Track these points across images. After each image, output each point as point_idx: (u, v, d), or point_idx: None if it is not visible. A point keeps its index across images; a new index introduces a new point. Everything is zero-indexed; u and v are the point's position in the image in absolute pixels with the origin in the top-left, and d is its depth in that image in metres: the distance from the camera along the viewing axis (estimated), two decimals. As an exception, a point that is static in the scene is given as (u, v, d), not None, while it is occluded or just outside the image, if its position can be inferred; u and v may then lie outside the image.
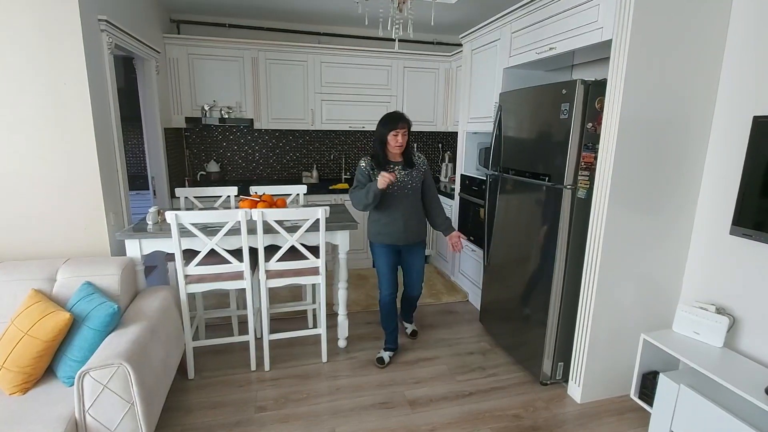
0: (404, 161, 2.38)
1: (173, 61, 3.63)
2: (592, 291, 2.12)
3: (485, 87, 3.15)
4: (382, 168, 2.30)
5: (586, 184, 2.12)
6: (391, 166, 2.35)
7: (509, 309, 2.65)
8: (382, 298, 2.47)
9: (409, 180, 2.36)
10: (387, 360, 2.55)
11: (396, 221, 2.36)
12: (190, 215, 2.16)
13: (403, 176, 2.35)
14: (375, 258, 2.50)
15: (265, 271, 2.34)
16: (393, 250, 2.44)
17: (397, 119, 2.27)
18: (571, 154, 2.09)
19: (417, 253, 2.51)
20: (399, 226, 2.36)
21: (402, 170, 2.35)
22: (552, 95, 2.18)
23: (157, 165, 3.43)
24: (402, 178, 2.34)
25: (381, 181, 2.17)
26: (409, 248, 2.48)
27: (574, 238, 2.19)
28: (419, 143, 4.76)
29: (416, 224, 2.43)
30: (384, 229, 2.38)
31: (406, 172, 2.36)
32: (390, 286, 2.44)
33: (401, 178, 2.34)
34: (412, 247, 2.48)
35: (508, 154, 2.63)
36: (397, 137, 2.28)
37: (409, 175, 2.37)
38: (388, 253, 2.43)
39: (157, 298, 2.18)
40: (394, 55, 4.08)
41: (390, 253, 2.43)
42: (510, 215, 2.63)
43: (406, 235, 2.39)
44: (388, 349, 2.60)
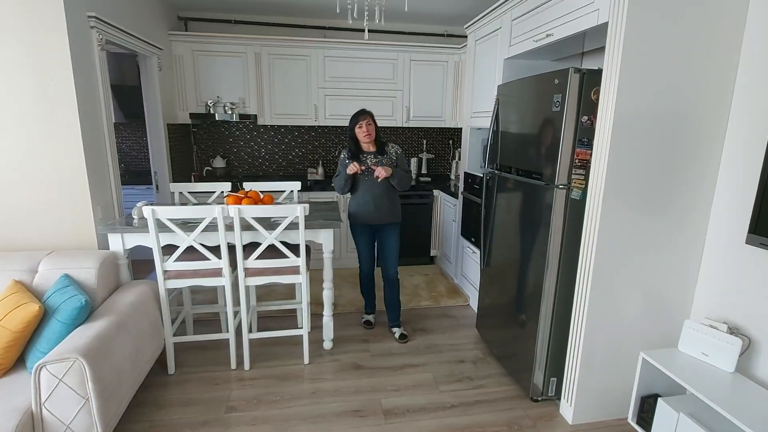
0: (377, 150, 2.65)
1: (178, 57, 3.67)
2: (585, 301, 1.92)
3: (487, 79, 2.97)
4: (357, 158, 2.62)
5: (581, 184, 1.93)
6: (364, 156, 2.63)
7: (504, 315, 2.48)
8: (362, 271, 2.90)
9: (382, 164, 2.61)
10: (373, 321, 3.00)
11: (368, 203, 2.64)
12: (167, 210, 2.14)
13: (375, 162, 2.62)
14: (354, 236, 2.81)
15: (243, 268, 2.30)
16: (369, 230, 2.75)
17: (358, 114, 2.60)
18: (563, 151, 1.90)
19: (389, 232, 2.75)
20: (370, 207, 2.64)
21: (374, 158, 2.63)
22: (544, 86, 2.00)
23: (159, 160, 3.48)
24: (373, 164, 2.61)
25: (350, 168, 2.55)
26: (382, 228, 2.74)
27: (568, 243, 1.99)
28: (428, 140, 4.60)
29: (387, 206, 2.67)
30: (358, 209, 2.68)
31: (377, 159, 2.63)
32: (368, 262, 2.84)
33: (372, 164, 2.61)
34: (385, 227, 2.73)
35: (505, 151, 2.46)
36: (362, 128, 2.56)
37: (380, 162, 2.61)
38: (364, 233, 2.75)
39: (133, 293, 2.18)
40: (399, 48, 3.95)
41: (366, 232, 2.75)
42: (506, 216, 2.45)
43: (378, 215, 2.66)
44: (370, 312, 3.03)
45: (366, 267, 2.84)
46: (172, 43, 3.64)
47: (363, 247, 2.78)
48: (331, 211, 2.71)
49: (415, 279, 3.86)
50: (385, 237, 2.75)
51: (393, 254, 2.76)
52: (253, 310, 2.77)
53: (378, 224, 2.70)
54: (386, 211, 2.67)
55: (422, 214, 4.10)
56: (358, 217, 2.69)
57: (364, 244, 2.77)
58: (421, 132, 4.56)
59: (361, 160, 2.59)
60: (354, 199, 2.71)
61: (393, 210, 2.70)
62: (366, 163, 2.60)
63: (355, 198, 2.70)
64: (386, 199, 2.65)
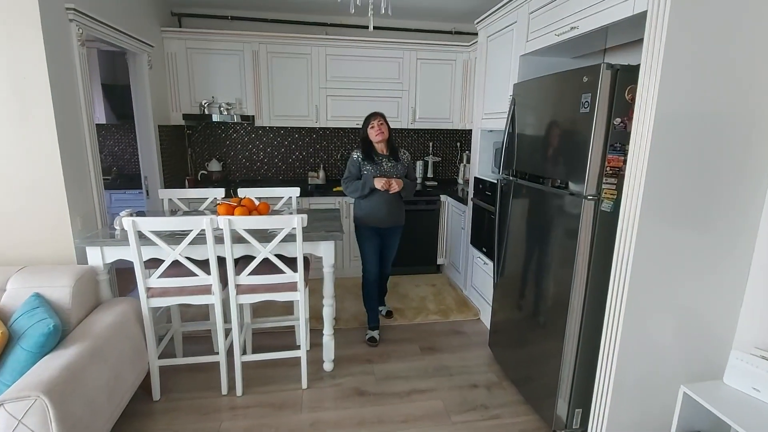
0: (390, 153, 2.67)
1: (171, 55, 3.48)
2: (617, 324, 1.70)
3: (501, 78, 2.76)
4: (371, 160, 2.61)
5: (613, 195, 1.71)
6: (378, 158, 2.63)
7: (521, 335, 2.26)
8: (367, 277, 2.77)
9: (394, 172, 2.65)
10: (378, 338, 2.81)
11: (381, 207, 2.64)
12: (149, 222, 1.93)
13: (390, 167, 2.64)
14: (361, 240, 2.74)
15: (235, 285, 2.09)
16: (376, 233, 2.72)
17: (370, 115, 2.63)
18: (593, 157, 1.68)
19: (395, 236, 2.83)
20: (383, 211, 2.64)
21: (388, 162, 2.65)
22: (571, 84, 1.78)
23: (149, 165, 3.28)
24: (389, 168, 2.64)
25: (379, 184, 2.55)
26: (389, 231, 2.77)
27: (598, 260, 1.78)
28: (435, 143, 4.39)
29: (397, 211, 2.72)
30: (370, 213, 2.65)
31: (392, 164, 2.65)
32: (375, 266, 2.75)
33: (388, 168, 2.64)
34: (391, 230, 2.78)
35: (522, 156, 2.24)
36: (374, 128, 2.57)
37: (395, 167, 2.66)
38: (372, 236, 2.71)
39: (113, 313, 1.97)
40: (405, 46, 3.74)
41: (374, 235, 2.72)
42: (523, 227, 2.23)
43: (389, 219, 2.68)
44: (374, 328, 2.85)
45: (374, 272, 2.76)
46: (164, 40, 3.44)
47: (371, 252, 2.73)
48: (333, 221, 2.50)
49: (422, 290, 3.65)
50: (390, 240, 2.81)
51: (393, 254, 2.90)
52: (248, 328, 2.56)
53: (386, 228, 2.72)
54: (396, 215, 2.72)
55: (428, 221, 3.88)
56: (368, 220, 2.66)
57: (372, 248, 2.72)
58: (427, 134, 4.35)
59: (376, 162, 2.61)
60: (365, 203, 2.66)
61: (401, 214, 2.77)
62: (381, 165, 2.62)
63: (366, 201, 2.65)
64: (396, 203, 2.71)
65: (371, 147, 2.63)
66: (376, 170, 2.59)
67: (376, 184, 2.55)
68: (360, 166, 2.61)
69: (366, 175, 2.59)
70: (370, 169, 2.59)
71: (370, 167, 2.59)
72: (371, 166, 2.59)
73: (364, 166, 2.60)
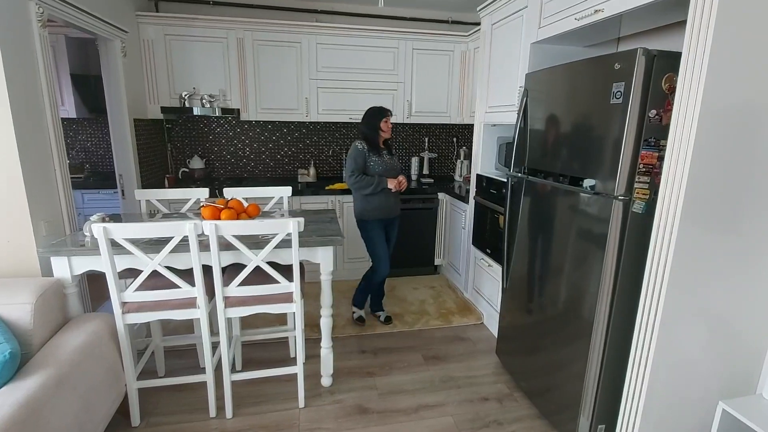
0: (386, 147, 2.74)
1: (148, 42, 3.19)
2: (650, 335, 1.55)
3: (508, 69, 2.59)
4: (376, 152, 2.63)
5: (645, 194, 1.55)
6: (381, 150, 2.68)
7: (534, 342, 2.11)
8: (380, 274, 2.76)
9: (393, 163, 2.74)
10: (364, 316, 2.96)
11: (389, 198, 2.69)
12: (123, 228, 1.69)
13: (389, 159, 2.72)
14: (371, 235, 2.70)
15: (223, 297, 1.87)
16: (383, 225, 2.74)
17: (386, 109, 2.66)
18: (625, 153, 1.52)
19: (396, 224, 2.86)
20: (391, 201, 2.70)
21: (388, 154, 2.72)
22: (599, 72, 1.61)
23: (125, 162, 3.01)
24: (390, 160, 2.72)
25: (392, 184, 2.63)
26: (392, 221, 2.82)
27: (627, 266, 1.62)
28: (430, 137, 4.21)
29: (399, 200, 2.81)
30: (381, 204, 2.66)
31: (390, 156, 2.74)
32: (389, 260, 2.75)
33: (390, 160, 2.72)
34: (394, 220, 2.82)
35: (535, 152, 2.08)
36: (388, 123, 2.64)
37: (393, 159, 2.76)
38: (382, 229, 2.72)
39: (84, 332, 1.73)
40: (401, 36, 3.53)
41: (382, 228, 2.73)
42: (537, 229, 2.07)
43: (395, 208, 2.76)
44: (362, 307, 2.97)
45: (387, 268, 2.74)
46: (140, 25, 3.15)
47: (383, 245, 2.72)
48: (329, 223, 2.30)
49: (421, 293, 3.47)
50: (392, 231, 2.85)
51: (393, 246, 2.89)
52: (237, 341, 2.34)
53: (391, 218, 2.76)
54: (398, 204, 2.79)
55: (426, 220, 3.70)
56: (378, 213, 2.67)
57: (383, 242, 2.73)
58: (423, 129, 4.16)
59: (380, 154, 2.65)
60: (374, 196, 2.65)
61: (399, 202, 2.82)
62: (383, 157, 2.66)
63: (376, 194, 2.64)
64: (397, 193, 2.76)
65: (377, 139, 2.64)
66: (380, 162, 2.63)
67: (390, 185, 2.61)
68: (366, 158, 2.60)
69: (377, 172, 2.62)
70: (376, 160, 2.61)
71: (376, 158, 2.61)
72: (376, 158, 2.61)
73: (370, 157, 2.61)
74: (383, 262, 2.71)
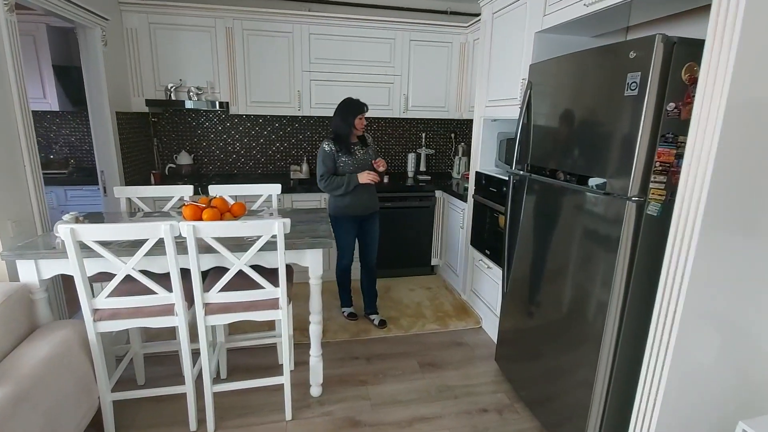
0: (360, 141, 2.63)
1: (131, 31, 3.04)
2: (665, 347, 1.43)
3: (510, 60, 2.45)
4: (346, 149, 2.54)
5: (661, 195, 1.42)
6: (353, 147, 2.58)
7: (536, 348, 1.99)
8: (341, 266, 2.82)
9: (368, 157, 2.64)
10: (356, 313, 2.94)
11: (361, 195, 2.61)
12: (92, 230, 1.55)
13: (363, 154, 2.62)
14: (339, 232, 2.64)
15: (203, 304, 1.74)
16: (356, 222, 2.70)
17: (362, 104, 2.53)
18: (640, 151, 1.39)
19: (374, 221, 2.78)
20: (363, 199, 2.63)
21: (361, 149, 2.62)
22: (613, 61, 1.48)
23: (106, 157, 2.86)
24: (362, 156, 2.61)
25: (367, 179, 2.51)
26: (368, 218, 2.74)
27: (640, 273, 1.50)
28: (428, 133, 4.07)
29: (375, 196, 2.73)
30: (352, 202, 2.60)
31: (363, 150, 2.63)
32: (350, 256, 2.79)
33: (362, 156, 2.61)
34: (370, 217, 2.74)
35: (539, 148, 1.95)
36: (362, 120, 2.54)
37: (366, 153, 2.64)
38: (352, 227, 2.69)
39: (50, 342, 1.59)
40: (398, 26, 3.39)
41: (353, 225, 2.70)
42: (541, 230, 1.95)
43: (369, 205, 2.67)
44: (349, 304, 2.96)
45: (348, 261, 2.79)
46: (123, 13, 2.99)
47: (349, 241, 2.73)
48: (319, 223, 2.16)
49: (417, 294, 3.35)
50: (370, 227, 2.77)
51: (376, 243, 2.82)
52: (221, 348, 2.21)
53: (366, 214, 2.70)
54: (374, 201, 2.72)
55: (422, 218, 3.57)
56: (349, 211, 2.62)
57: (351, 237, 2.73)
58: (420, 124, 4.02)
59: (350, 152, 2.56)
60: (345, 195, 2.58)
61: (376, 198, 2.75)
62: (356, 154, 2.58)
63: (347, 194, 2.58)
64: (373, 189, 2.69)
65: (348, 136, 2.55)
66: (352, 161, 2.55)
67: (361, 180, 2.50)
68: (335, 158, 2.53)
69: (348, 171, 2.55)
70: (346, 160, 2.53)
71: (345, 158, 2.53)
72: (346, 157, 2.53)
73: (340, 158, 2.53)
74: (346, 254, 2.75)
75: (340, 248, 2.74)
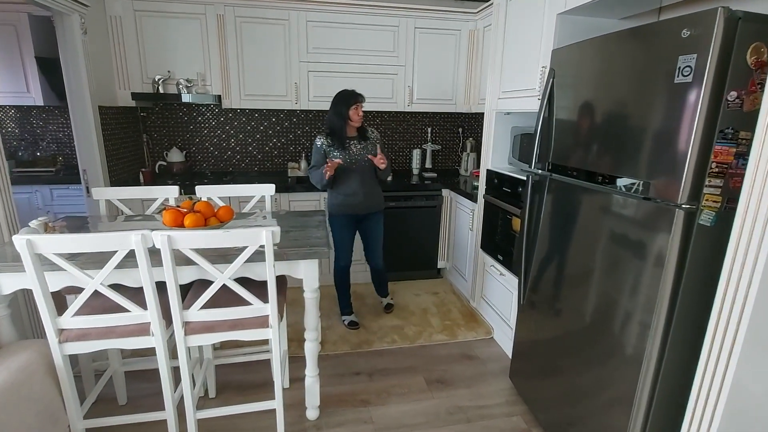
0: (359, 135, 2.48)
1: (115, 19, 2.82)
2: (720, 379, 1.21)
3: (527, 47, 2.21)
4: (341, 143, 2.41)
5: (717, 202, 1.20)
6: (347, 142, 2.43)
7: (557, 366, 1.78)
8: (338, 267, 2.66)
9: (365, 153, 2.47)
10: (357, 321, 2.74)
11: (357, 193, 2.48)
12: (52, 241, 1.35)
13: (360, 149, 2.46)
14: (334, 230, 2.58)
15: (182, 323, 1.53)
16: (352, 221, 2.59)
17: (356, 94, 2.38)
18: (692, 149, 1.17)
19: (375, 221, 2.64)
20: (359, 197, 2.50)
21: (358, 144, 2.46)
22: (659, 42, 1.25)
23: (89, 155, 2.67)
24: (358, 151, 2.45)
25: (329, 167, 2.31)
26: (368, 217, 2.60)
27: (689, 291, 1.28)
28: (434, 127, 3.84)
29: (376, 193, 2.58)
30: (345, 201, 2.50)
31: (362, 145, 2.47)
32: (347, 257, 2.65)
33: (358, 151, 2.45)
34: (370, 216, 2.61)
35: (563, 145, 1.72)
36: (357, 110, 2.38)
37: (365, 148, 2.48)
38: (348, 225, 2.58)
39: (8, 367, 1.40)
40: (401, 12, 3.15)
41: (350, 224, 2.58)
42: (564, 236, 1.73)
43: (366, 204, 2.53)
44: (349, 311, 2.77)
45: (345, 261, 2.66)
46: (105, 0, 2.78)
47: (346, 241, 2.61)
48: (315, 228, 1.95)
49: (423, 300, 3.14)
50: (370, 226, 2.64)
51: (379, 243, 2.70)
52: (209, 365, 2.01)
53: (362, 214, 2.58)
54: (373, 200, 2.57)
55: (428, 219, 3.35)
56: (344, 209, 2.52)
57: (347, 237, 2.61)
58: (425, 118, 3.79)
59: (345, 147, 2.42)
60: (339, 190, 2.49)
61: (378, 197, 2.61)
62: (350, 149, 2.43)
63: (340, 189, 2.48)
64: (373, 187, 2.55)
65: (344, 130, 2.40)
66: (344, 156, 2.41)
67: (326, 172, 2.31)
68: (326, 154, 2.43)
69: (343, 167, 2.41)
70: (337, 156, 2.41)
71: (337, 153, 2.42)
72: (338, 152, 2.42)
73: (331, 152, 2.43)
74: (340, 257, 2.63)
75: (336, 248, 2.61)
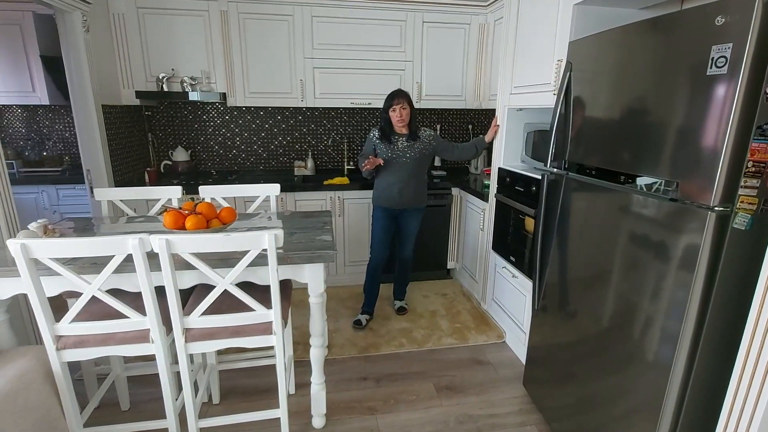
0: (409, 133, 2.50)
1: (118, 17, 2.78)
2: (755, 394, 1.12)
3: (541, 40, 2.12)
4: (388, 140, 2.48)
5: (752, 204, 1.11)
6: (395, 137, 2.49)
7: (575, 373, 1.70)
8: (372, 261, 2.66)
9: (409, 151, 2.48)
10: (364, 323, 2.69)
11: (392, 186, 2.51)
12: (47, 246, 1.30)
13: (405, 146, 2.48)
14: (373, 221, 2.65)
15: (182, 330, 1.48)
16: (389, 215, 2.61)
17: (393, 96, 2.41)
18: (726, 147, 1.07)
19: (411, 217, 2.65)
20: (394, 191, 2.52)
21: (405, 141, 2.49)
22: (690, 31, 1.16)
23: (92, 155, 2.63)
24: (402, 147, 2.48)
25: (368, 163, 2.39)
26: (404, 213, 2.62)
27: (722, 296, 1.19)
28: (443, 124, 3.75)
29: (412, 191, 2.55)
30: (382, 193, 2.56)
31: (408, 143, 2.49)
32: (382, 249, 2.64)
33: (402, 147, 2.48)
34: (406, 212, 2.62)
35: (581, 143, 1.63)
36: (395, 113, 2.40)
37: (411, 147, 2.49)
38: (384, 217, 2.60)
39: (5, 374, 1.36)
40: (409, 6, 3.06)
41: (386, 216, 2.60)
42: (582, 238, 1.64)
43: (401, 200, 2.54)
44: (366, 312, 2.74)
45: (380, 255, 2.65)
46: (108, -4, 2.74)
47: (379, 233, 2.62)
48: (320, 230, 1.89)
49: (432, 301, 3.07)
50: (406, 222, 2.66)
51: (412, 237, 2.72)
52: (212, 370, 1.96)
53: (400, 209, 2.60)
54: (411, 197, 2.55)
55: (437, 218, 3.27)
56: (380, 201, 2.57)
57: (383, 229, 2.61)
58: (434, 114, 3.70)
59: (392, 141, 2.48)
60: (378, 183, 2.57)
61: (417, 195, 2.59)
62: (396, 145, 2.48)
63: (379, 181, 2.56)
64: (413, 184, 2.54)
65: (391, 127, 2.46)
66: (388, 149, 2.47)
67: (364, 168, 2.43)
68: (375, 146, 2.52)
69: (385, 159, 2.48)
70: (382, 148, 2.48)
71: (384, 147, 2.48)
72: (385, 146, 2.48)
73: (378, 145, 2.50)
74: (375, 248, 2.64)
75: (372, 238, 2.67)
